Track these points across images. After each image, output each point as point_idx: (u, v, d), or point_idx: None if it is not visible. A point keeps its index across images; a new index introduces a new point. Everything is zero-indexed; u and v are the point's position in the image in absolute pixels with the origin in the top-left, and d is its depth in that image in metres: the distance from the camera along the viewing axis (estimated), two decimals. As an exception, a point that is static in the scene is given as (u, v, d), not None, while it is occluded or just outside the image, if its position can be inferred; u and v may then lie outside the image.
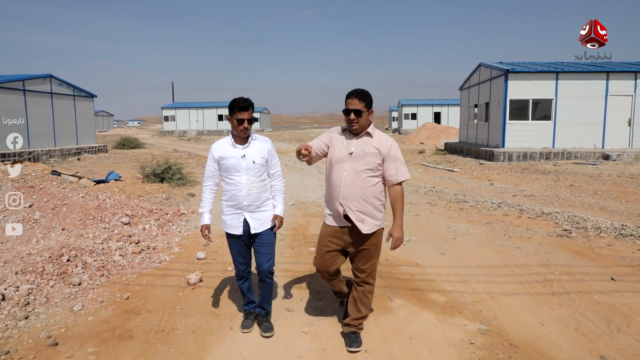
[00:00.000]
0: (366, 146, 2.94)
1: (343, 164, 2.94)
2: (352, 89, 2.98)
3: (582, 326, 3.39)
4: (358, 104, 2.88)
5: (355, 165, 2.92)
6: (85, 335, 3.20)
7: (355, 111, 2.88)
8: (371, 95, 2.97)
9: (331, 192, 3.03)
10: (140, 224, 6.69)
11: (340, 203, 2.94)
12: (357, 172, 2.91)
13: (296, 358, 2.90)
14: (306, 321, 3.44)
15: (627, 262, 4.84)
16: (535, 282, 4.30)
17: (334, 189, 2.99)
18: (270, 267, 3.23)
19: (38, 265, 4.38)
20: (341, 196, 2.93)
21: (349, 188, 2.91)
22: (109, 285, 4.18)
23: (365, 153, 2.92)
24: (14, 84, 19.86)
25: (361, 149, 2.94)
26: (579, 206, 8.16)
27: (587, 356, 2.95)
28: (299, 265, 4.81)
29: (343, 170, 2.93)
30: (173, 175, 11.24)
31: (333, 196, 3.00)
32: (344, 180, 2.93)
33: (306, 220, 7.03)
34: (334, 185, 2.99)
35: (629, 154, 15.66)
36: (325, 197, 3.20)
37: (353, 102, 2.89)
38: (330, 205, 3.07)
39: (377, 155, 2.93)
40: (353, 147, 2.96)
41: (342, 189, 2.93)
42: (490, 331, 3.27)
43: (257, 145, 3.19)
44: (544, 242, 5.71)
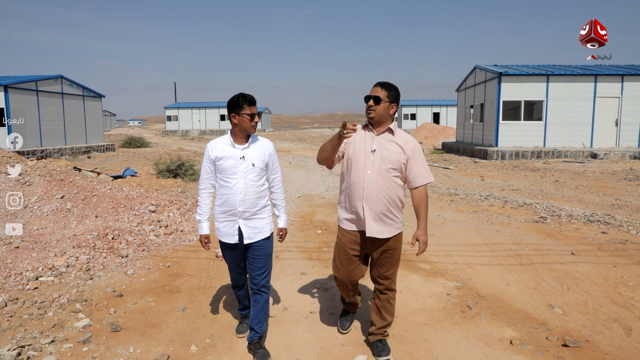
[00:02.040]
0: (389, 144, 2.75)
1: (365, 162, 2.73)
2: None
3: (539, 286, 4.21)
4: (380, 92, 2.73)
5: (379, 164, 2.71)
6: (142, 290, 4.03)
7: (374, 97, 2.71)
8: (398, 90, 2.79)
9: (351, 193, 2.79)
10: (165, 212, 7.51)
11: (363, 204, 2.73)
12: (382, 172, 2.71)
13: (310, 305, 3.73)
14: (318, 281, 4.27)
15: (588, 242, 5.67)
16: (507, 256, 5.13)
17: (354, 189, 2.76)
18: (266, 282, 3.00)
19: (89, 241, 5.21)
20: (364, 197, 2.72)
21: (373, 188, 2.71)
22: (151, 258, 5.01)
23: (389, 151, 2.73)
24: (27, 85, 20.67)
25: (384, 146, 2.75)
26: (560, 199, 8.99)
27: (538, 304, 3.78)
28: (309, 243, 5.63)
29: (365, 168, 2.72)
30: (186, 171, 12.06)
31: (353, 197, 2.77)
32: (367, 179, 2.71)
33: (312, 210, 7.86)
34: (354, 184, 2.75)
35: (616, 153, 16.50)
36: (341, 200, 2.92)
37: (375, 90, 2.75)
38: (349, 208, 2.83)
39: (401, 155, 2.74)
40: (375, 144, 2.76)
41: (365, 189, 2.71)
42: (464, 287, 4.10)
43: (258, 146, 2.95)
44: (521, 226, 6.54)
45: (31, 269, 4.42)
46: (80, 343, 3.00)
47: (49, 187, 8.46)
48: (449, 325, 3.34)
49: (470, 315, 3.52)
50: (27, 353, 2.83)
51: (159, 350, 2.93)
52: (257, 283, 2.97)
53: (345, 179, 2.88)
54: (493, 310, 3.63)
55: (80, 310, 3.52)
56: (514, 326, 3.33)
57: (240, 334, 3.19)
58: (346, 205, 2.86)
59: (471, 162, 16.75)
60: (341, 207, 2.93)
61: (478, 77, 20.68)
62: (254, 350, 2.94)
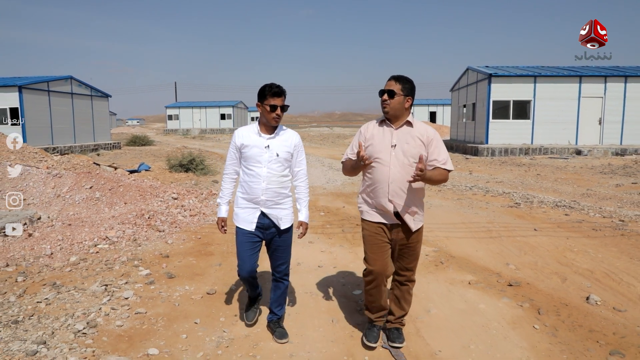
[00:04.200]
0: (409, 137, 2.74)
1: (386, 158, 2.73)
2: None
3: (502, 252, 5.23)
4: (394, 85, 2.73)
5: (402, 159, 2.71)
6: (183, 253, 5.03)
7: (388, 92, 2.72)
8: (413, 83, 2.78)
9: (375, 190, 2.79)
10: (185, 199, 8.50)
11: (390, 200, 2.74)
12: (405, 167, 2.70)
13: (318, 262, 4.74)
14: (323, 247, 5.29)
15: (551, 221, 6.69)
16: (480, 231, 6.14)
17: (379, 185, 2.76)
18: (287, 271, 3.12)
19: (130, 219, 6.21)
20: (390, 193, 2.73)
21: (398, 184, 2.71)
22: (183, 232, 6.01)
23: (410, 145, 2.72)
24: (40, 85, 21.61)
25: (404, 140, 2.73)
26: (537, 189, 10.02)
27: (497, 263, 4.79)
28: (314, 222, 6.64)
29: (388, 164, 2.71)
30: (197, 166, 13.05)
31: (378, 194, 2.78)
32: (392, 175, 2.71)
33: (315, 197, 8.86)
34: (379, 181, 2.76)
35: (599, 150, 17.56)
36: (365, 195, 2.92)
37: (389, 84, 2.75)
38: (375, 203, 2.83)
39: (422, 147, 2.73)
40: (395, 139, 2.74)
41: (390, 185, 2.72)
42: (440, 251, 5.12)
43: (285, 137, 2.97)
44: (496, 210, 7.56)
45: (89, 239, 5.42)
46: (147, 284, 4.00)
47: (78, 179, 9.46)
48: (425, 274, 4.36)
49: (441, 267, 4.55)
50: (110, 289, 3.83)
51: (207, 289, 3.94)
52: (279, 272, 3.10)
53: (368, 177, 2.85)
54: (460, 265, 4.65)
55: (139, 265, 4.52)
56: (474, 274, 4.35)
57: (250, 321, 3.22)
58: (371, 202, 2.85)
59: (463, 159, 17.77)
60: (365, 204, 2.91)
61: (470, 78, 21.72)
62: (273, 328, 3.11)
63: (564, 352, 2.88)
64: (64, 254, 4.95)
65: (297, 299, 3.77)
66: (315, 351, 2.91)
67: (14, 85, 20.25)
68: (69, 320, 3.19)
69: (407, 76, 2.78)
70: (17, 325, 3.10)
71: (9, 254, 4.97)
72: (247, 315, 3.27)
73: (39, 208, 7.91)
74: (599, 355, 2.83)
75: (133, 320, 3.28)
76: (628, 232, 5.91)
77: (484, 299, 3.74)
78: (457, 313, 3.46)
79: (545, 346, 2.96)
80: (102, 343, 2.92)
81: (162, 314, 3.42)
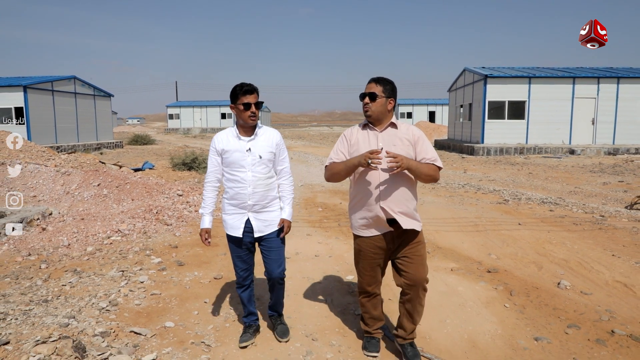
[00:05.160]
0: (396, 139, 2.68)
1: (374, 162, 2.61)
2: None
3: (486, 243, 5.63)
4: (374, 88, 2.68)
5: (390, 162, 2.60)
6: (190, 244, 5.44)
7: (369, 94, 2.67)
8: (394, 84, 2.74)
9: (365, 196, 2.70)
10: (190, 196, 8.91)
11: (382, 206, 2.65)
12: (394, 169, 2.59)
13: (315, 252, 5.15)
14: (320, 239, 5.70)
15: (535, 216, 7.10)
16: (468, 225, 6.56)
17: (369, 191, 2.67)
18: (282, 273, 3.02)
19: (140, 214, 6.62)
20: (381, 197, 2.64)
21: (389, 187, 2.64)
22: (189, 226, 6.42)
23: (397, 146, 2.65)
24: (44, 85, 22.01)
25: (391, 142, 2.67)
26: (527, 187, 10.43)
27: (480, 253, 5.20)
28: (312, 217, 7.06)
29: (377, 168, 2.58)
30: (199, 164, 13.46)
31: (369, 200, 2.68)
32: (381, 179, 2.63)
33: (313, 194, 9.28)
34: (369, 187, 2.67)
35: (592, 149, 17.97)
36: (354, 205, 2.81)
37: (369, 86, 2.70)
38: (365, 212, 2.72)
39: (409, 147, 2.67)
40: (381, 142, 2.69)
41: (381, 190, 2.64)
42: (428, 242, 5.53)
43: (265, 137, 2.89)
44: (485, 206, 7.97)
45: (102, 232, 5.84)
46: (160, 270, 4.41)
47: (86, 177, 9.88)
48: (412, 262, 4.77)
49: (428, 256, 4.95)
50: (127, 274, 4.24)
51: (214, 274, 4.35)
52: (275, 277, 2.99)
53: (356, 183, 2.77)
54: (445, 254, 5.07)
55: (151, 254, 4.94)
56: (457, 262, 4.77)
57: (244, 343, 2.96)
58: (362, 210, 2.74)
59: (459, 158, 18.19)
60: (356, 213, 2.80)
61: (467, 79, 22.12)
62: (274, 324, 3.14)
63: (528, 325, 3.29)
64: (80, 244, 5.37)
65: (295, 283, 4.17)
66: (311, 324, 3.32)
67: (19, 85, 20.66)
68: (92, 300, 3.60)
69: (387, 77, 2.74)
70: (48, 304, 3.51)
71: (29, 245, 5.38)
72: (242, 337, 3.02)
73: (49, 204, 8.32)
74: (558, 328, 3.25)
75: (149, 300, 3.70)
76: (606, 227, 6.32)
77: (463, 283, 4.15)
78: (437, 294, 3.86)
79: (512, 321, 3.38)
80: (124, 318, 3.33)
81: (174, 294, 3.83)
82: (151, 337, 3.05)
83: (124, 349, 2.82)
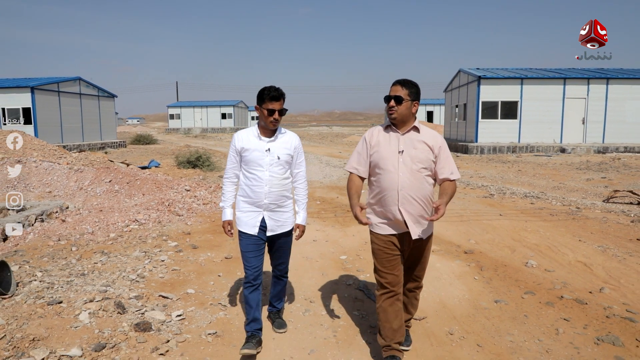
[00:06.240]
0: (417, 143, 2.71)
1: (394, 164, 2.69)
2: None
3: (468, 232, 6.25)
4: (400, 91, 2.69)
5: (410, 165, 2.67)
6: (202, 231, 6.06)
7: (395, 97, 2.68)
8: (418, 87, 2.76)
9: (384, 198, 2.73)
10: (197, 191, 9.53)
11: (400, 209, 2.68)
12: (414, 172, 2.67)
13: (313, 237, 5.77)
14: (317, 227, 6.33)
15: (517, 209, 7.72)
16: (453, 216, 7.17)
17: (388, 193, 2.71)
18: (286, 268, 3.23)
19: (153, 206, 7.24)
20: (400, 201, 2.67)
21: (407, 191, 2.66)
22: (199, 217, 7.04)
23: (418, 150, 2.69)
24: (50, 86, 22.62)
25: (412, 146, 2.70)
26: (515, 183, 11.06)
27: (461, 239, 5.81)
28: (311, 209, 7.67)
29: (396, 171, 2.66)
30: (203, 163, 14.08)
31: (388, 202, 2.72)
32: (400, 182, 2.66)
33: (312, 190, 9.90)
34: (387, 189, 2.70)
35: (582, 148, 18.61)
36: (372, 204, 2.85)
37: (395, 89, 2.71)
38: (384, 212, 2.77)
39: (430, 152, 2.70)
40: (402, 144, 2.71)
41: (399, 192, 2.67)
42: (415, 230, 6.15)
43: (285, 139, 3.00)
44: (471, 200, 8.59)
45: (120, 221, 6.45)
46: (177, 252, 5.03)
47: (98, 174, 10.51)
48: (399, 245, 5.40)
49: (413, 241, 5.58)
50: (149, 254, 4.86)
51: (225, 254, 4.97)
52: (280, 270, 3.24)
53: (375, 185, 2.80)
54: (429, 239, 5.69)
55: (167, 239, 5.56)
56: (438, 245, 5.39)
57: (246, 350, 2.84)
58: (380, 211, 2.78)
59: (454, 156, 18.79)
60: (374, 214, 2.84)
61: (462, 80, 22.76)
62: (272, 319, 3.32)
63: (492, 292, 3.92)
64: (103, 232, 5.98)
65: (296, 261, 4.79)
66: (309, 291, 3.97)
67: (26, 87, 21.29)
68: (122, 274, 4.22)
69: (412, 80, 2.75)
70: (85, 277, 4.13)
71: (56, 232, 6.00)
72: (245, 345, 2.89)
73: (64, 199, 8.94)
74: (516, 294, 3.87)
75: (171, 274, 4.32)
76: (579, 217, 6.95)
77: (441, 260, 4.78)
78: (418, 270, 4.49)
79: (479, 289, 4.00)
80: (151, 287, 3.95)
81: (192, 270, 4.45)
82: (176, 300, 3.67)
83: (156, 307, 3.44)
